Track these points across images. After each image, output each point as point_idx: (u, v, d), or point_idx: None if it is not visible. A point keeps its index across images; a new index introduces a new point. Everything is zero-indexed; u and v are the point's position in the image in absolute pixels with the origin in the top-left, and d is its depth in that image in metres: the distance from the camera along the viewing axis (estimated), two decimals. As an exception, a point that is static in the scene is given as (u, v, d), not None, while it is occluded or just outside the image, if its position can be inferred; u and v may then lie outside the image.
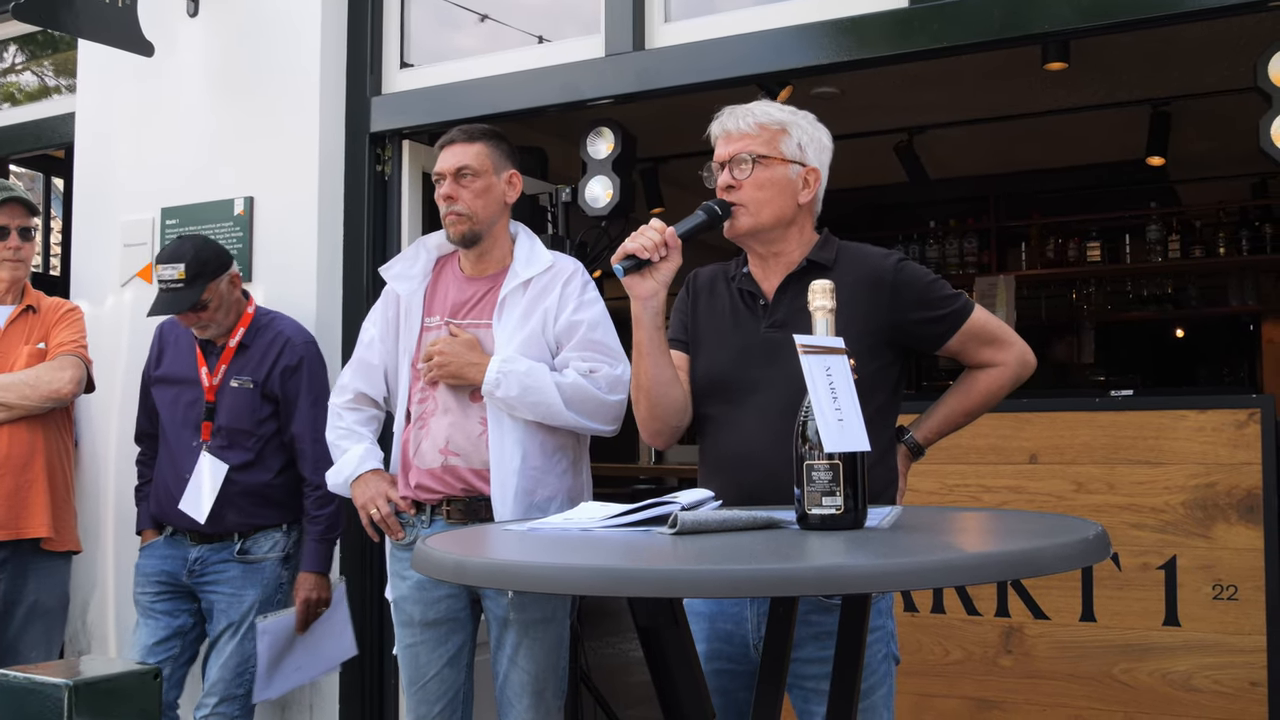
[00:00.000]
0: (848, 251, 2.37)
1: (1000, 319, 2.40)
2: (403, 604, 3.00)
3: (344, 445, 3.10)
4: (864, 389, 2.15)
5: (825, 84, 5.59)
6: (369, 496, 3.00)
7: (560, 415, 2.87)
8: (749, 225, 2.31)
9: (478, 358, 2.89)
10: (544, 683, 2.95)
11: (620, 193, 3.90)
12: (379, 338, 3.11)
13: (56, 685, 1.16)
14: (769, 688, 1.96)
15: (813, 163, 2.35)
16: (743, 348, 2.33)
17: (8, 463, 3.46)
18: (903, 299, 2.28)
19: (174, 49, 4.22)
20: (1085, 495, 3.23)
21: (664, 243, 2.23)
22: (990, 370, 2.35)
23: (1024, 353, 2.36)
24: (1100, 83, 5.67)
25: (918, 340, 2.34)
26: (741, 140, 2.32)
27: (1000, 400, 2.39)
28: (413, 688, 3.00)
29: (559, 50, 3.82)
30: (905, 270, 2.31)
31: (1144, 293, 8.05)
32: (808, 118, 2.39)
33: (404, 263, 3.10)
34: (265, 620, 3.36)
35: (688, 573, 1.39)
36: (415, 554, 1.64)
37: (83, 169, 4.52)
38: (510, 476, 2.86)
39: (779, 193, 2.31)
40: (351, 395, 3.13)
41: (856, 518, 1.71)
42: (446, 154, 2.99)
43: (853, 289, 2.22)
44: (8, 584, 3.52)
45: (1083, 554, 1.49)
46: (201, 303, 3.36)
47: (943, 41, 3.22)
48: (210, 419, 3.43)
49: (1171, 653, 3.10)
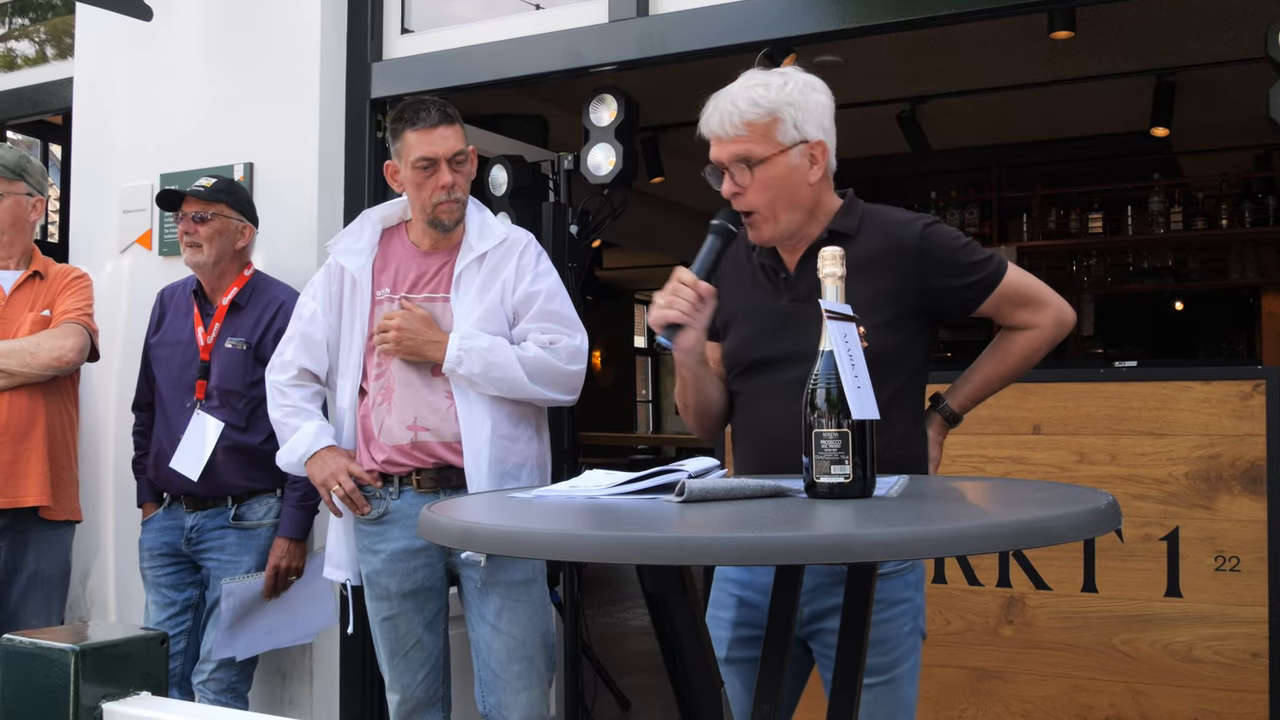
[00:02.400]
0: (873, 217, 2.26)
1: (1037, 279, 2.30)
2: (376, 578, 2.99)
3: (293, 423, 3.03)
4: (894, 358, 2.15)
5: (828, 52, 5.56)
6: (329, 473, 2.96)
7: (524, 388, 2.88)
8: (772, 233, 2.22)
9: (436, 335, 2.88)
10: (532, 648, 2.93)
11: (623, 160, 3.88)
12: (321, 312, 3.04)
13: (63, 650, 1.16)
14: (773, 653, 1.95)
15: (814, 136, 2.19)
16: (765, 322, 2.27)
17: (6, 430, 3.44)
18: (929, 266, 2.18)
19: (172, 13, 4.19)
20: (1088, 466, 3.23)
21: (699, 298, 2.13)
22: (1026, 333, 2.26)
23: (1060, 311, 2.26)
24: (1105, 53, 5.64)
25: (948, 307, 2.26)
26: (734, 144, 2.18)
27: (1039, 360, 2.30)
28: (394, 659, 3.00)
29: (562, 16, 3.78)
30: (932, 235, 2.20)
31: (1145, 265, 8.04)
32: (796, 85, 2.21)
33: (350, 237, 3.04)
34: (231, 582, 3.36)
35: (698, 540, 1.39)
36: (421, 521, 1.63)
37: (81, 135, 4.48)
38: (483, 446, 2.87)
39: (787, 187, 2.19)
40: (295, 371, 3.06)
41: (865, 486, 1.70)
42: (438, 137, 2.89)
43: (877, 256, 2.17)
44: (7, 552, 3.51)
45: (1094, 523, 1.48)
46: (206, 214, 3.41)
47: (949, 9, 3.20)
48: (204, 378, 3.44)
49: (1173, 623, 3.11)
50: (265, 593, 3.41)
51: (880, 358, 2.02)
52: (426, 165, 2.89)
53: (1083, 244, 7.93)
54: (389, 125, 3.04)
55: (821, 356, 1.75)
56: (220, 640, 3.37)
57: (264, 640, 3.47)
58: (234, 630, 3.37)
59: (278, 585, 3.43)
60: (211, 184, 3.46)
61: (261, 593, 3.40)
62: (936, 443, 2.34)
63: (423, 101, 2.95)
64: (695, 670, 1.69)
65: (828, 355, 1.75)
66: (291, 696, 3.86)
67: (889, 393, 2.09)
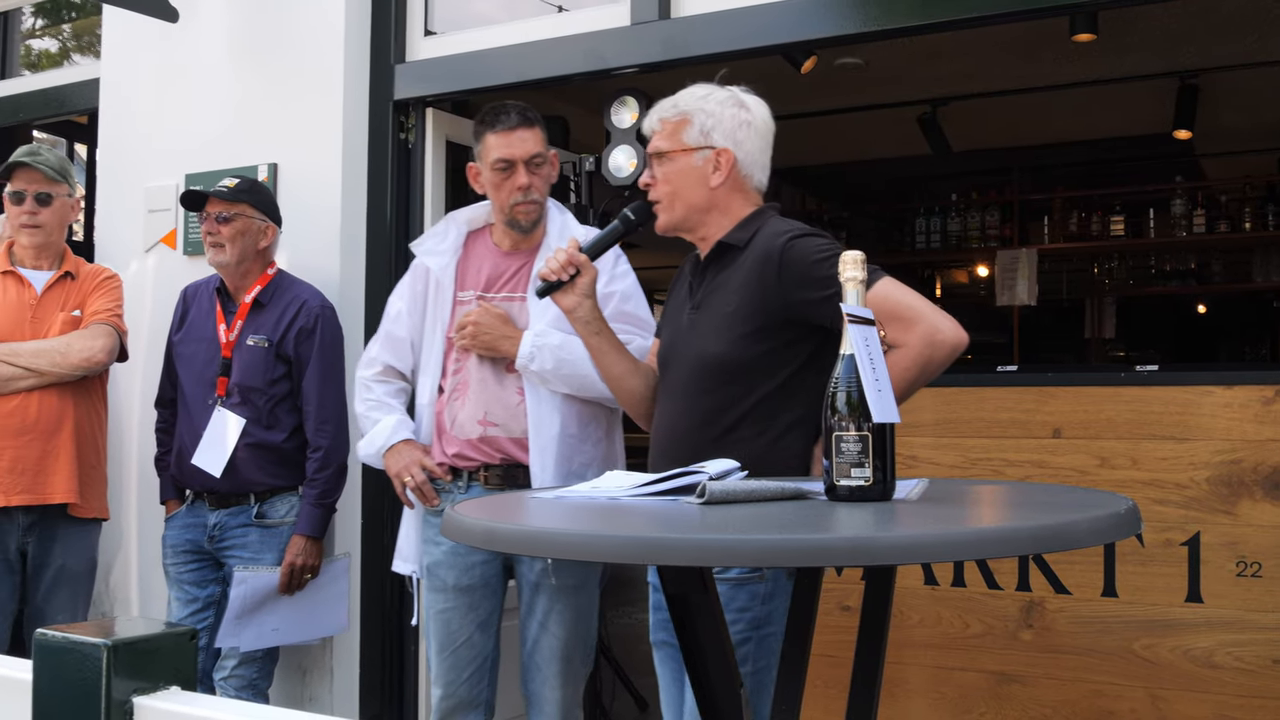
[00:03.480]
0: (765, 229, 2.34)
1: (917, 295, 2.22)
2: (436, 569, 3.04)
3: (375, 416, 3.13)
4: (755, 370, 2.25)
5: (850, 54, 5.56)
6: (403, 465, 3.04)
7: (594, 387, 2.90)
8: (664, 222, 2.41)
9: (511, 331, 2.94)
10: (572, 649, 3.00)
11: (644, 162, 3.88)
12: (406, 311, 3.14)
13: (95, 645, 1.17)
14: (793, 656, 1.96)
15: (721, 144, 2.35)
16: (674, 329, 2.44)
17: (35, 428, 3.48)
18: (788, 278, 2.23)
19: (198, 14, 4.22)
20: (1109, 470, 3.22)
21: (569, 263, 2.39)
22: (893, 352, 2.14)
23: (932, 333, 2.13)
24: (1127, 55, 5.62)
25: (813, 319, 2.24)
26: (653, 139, 2.41)
27: (917, 383, 2.18)
28: (443, 653, 3.03)
29: (584, 18, 3.79)
30: (793, 248, 2.25)
31: (1167, 267, 8.00)
32: (721, 97, 2.39)
33: (434, 238, 3.13)
34: (245, 570, 3.39)
35: (720, 541, 1.40)
36: (445, 520, 1.64)
37: (107, 135, 4.52)
38: (549, 444, 2.92)
39: (685, 183, 2.36)
40: (380, 368, 3.17)
41: (885, 489, 1.70)
42: (514, 140, 2.97)
43: (751, 268, 2.28)
44: (35, 548, 3.55)
45: (1115, 528, 1.49)
46: (231, 214, 3.44)
47: (971, 12, 3.19)
48: (226, 375, 3.47)
49: (1194, 629, 3.10)
50: (280, 588, 3.43)
51: (735, 369, 2.22)
52: (505, 167, 2.96)
53: (1104, 247, 7.89)
54: (473, 129, 3.08)
55: (842, 360, 1.76)
56: (226, 628, 3.39)
57: (270, 636, 3.48)
58: (241, 620, 3.39)
59: (292, 582, 3.45)
60: (234, 184, 3.49)
61: (275, 588, 3.43)
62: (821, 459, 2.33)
63: (504, 105, 3.02)
64: (715, 670, 1.70)
65: (848, 359, 1.75)
66: (312, 694, 3.88)
67: (744, 407, 2.23)
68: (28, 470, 3.47)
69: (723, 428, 2.25)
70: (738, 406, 2.21)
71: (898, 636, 2.75)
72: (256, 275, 3.55)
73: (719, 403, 2.26)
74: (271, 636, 3.49)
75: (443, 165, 4.06)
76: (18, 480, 3.46)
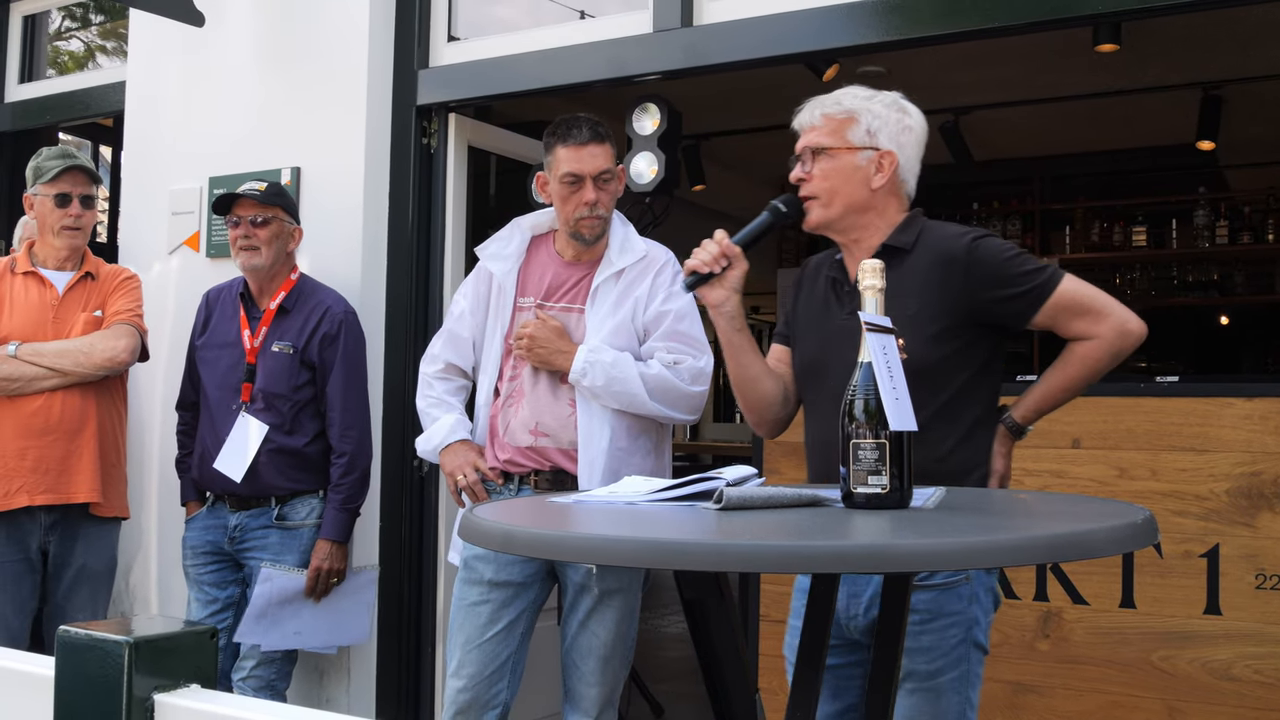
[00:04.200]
0: (929, 232, 2.34)
1: (1100, 290, 2.33)
2: (474, 562, 3.03)
3: (434, 414, 3.19)
4: (940, 371, 2.22)
5: (872, 63, 5.56)
6: (457, 464, 3.09)
7: (644, 405, 2.96)
8: (819, 218, 2.35)
9: (566, 345, 2.99)
10: (612, 649, 3.03)
11: (665, 169, 3.90)
12: (469, 310, 3.19)
13: (117, 642, 1.18)
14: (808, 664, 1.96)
15: (886, 145, 2.34)
16: (826, 334, 2.37)
17: (59, 428, 3.51)
18: (976, 278, 2.24)
19: (223, 19, 4.25)
20: (1128, 481, 3.21)
21: (722, 254, 2.29)
22: (1086, 343, 2.28)
23: (1122, 323, 2.28)
24: (1151, 65, 5.61)
25: (1000, 318, 2.30)
26: (810, 133, 2.35)
27: (1103, 373, 2.31)
28: (469, 646, 3.01)
29: (606, 25, 3.81)
30: (979, 248, 2.26)
31: (1189, 278, 7.96)
32: (884, 100, 2.39)
33: (499, 243, 3.17)
34: (273, 569, 3.41)
35: (736, 547, 1.40)
36: (462, 523, 1.65)
37: (132, 138, 4.56)
38: (598, 456, 2.96)
39: (846, 181, 2.33)
40: (442, 365, 3.23)
41: (902, 497, 1.71)
42: (584, 155, 3.00)
43: (929, 270, 2.25)
44: (57, 547, 3.58)
45: (1131, 538, 1.49)
46: (267, 217, 3.47)
47: (994, 21, 3.19)
48: (250, 381, 3.49)
49: (1212, 641, 3.09)
50: (305, 591, 3.45)
51: (925, 370, 2.12)
52: (573, 181, 2.99)
53: (1126, 257, 7.86)
54: (543, 139, 3.11)
55: (860, 368, 1.77)
56: (247, 626, 3.41)
57: (291, 639, 3.50)
58: (262, 619, 3.41)
59: (318, 586, 3.47)
60: (265, 187, 3.51)
61: (300, 590, 3.45)
62: (1000, 454, 2.36)
63: (576, 118, 3.05)
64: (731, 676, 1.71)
65: (866, 367, 1.76)
66: (329, 695, 3.90)
67: (934, 408, 2.18)
68: (51, 470, 3.50)
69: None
70: (927, 408, 2.04)
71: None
72: (282, 279, 3.58)
73: None
74: (293, 639, 3.51)
75: (465, 170, 4.08)
76: (41, 479, 3.49)
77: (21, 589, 3.55)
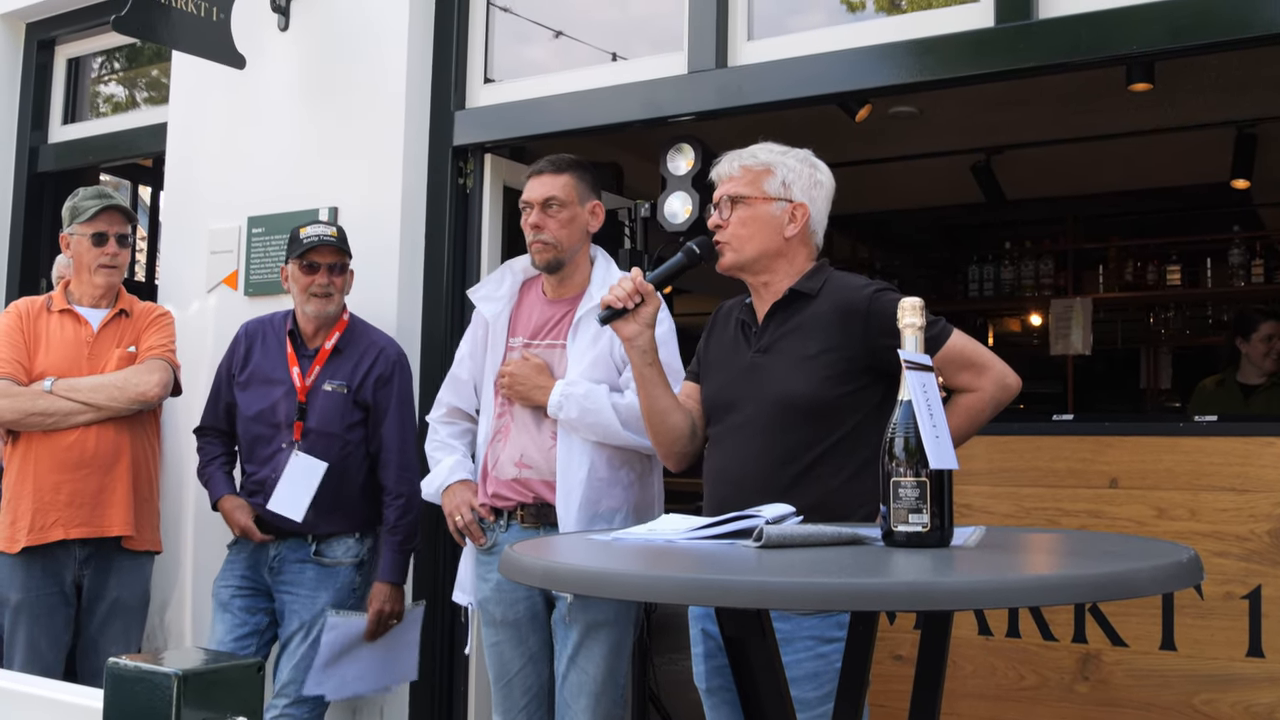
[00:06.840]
0: (834, 280, 2.50)
1: (980, 344, 2.49)
2: (486, 605, 3.18)
3: (438, 457, 3.33)
4: (839, 409, 2.38)
5: (904, 103, 5.57)
6: (454, 505, 3.21)
7: (618, 435, 3.03)
8: (731, 261, 2.50)
9: (544, 380, 3.09)
10: (602, 686, 3.05)
11: (699, 208, 3.91)
12: (469, 354, 3.33)
13: (166, 674, 1.19)
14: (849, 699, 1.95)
15: (799, 198, 2.49)
16: (733, 372, 2.52)
17: (94, 462, 3.55)
18: (874, 327, 2.35)
19: (264, 61, 4.32)
20: (1167, 521, 3.18)
21: (635, 291, 2.45)
22: (969, 394, 2.43)
23: (1002, 376, 2.42)
24: (1185, 105, 5.59)
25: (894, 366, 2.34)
26: (728, 183, 2.51)
27: (984, 422, 2.45)
28: (499, 684, 3.17)
29: (641, 67, 3.84)
30: (879, 300, 2.39)
31: (1224, 317, 7.90)
32: (799, 155, 2.54)
33: (490, 285, 3.29)
34: (337, 616, 3.41)
35: (779, 584, 1.40)
36: (503, 560, 1.66)
37: (173, 177, 4.62)
38: (575, 488, 3.02)
39: (761, 229, 2.48)
40: (445, 409, 3.37)
41: (943, 536, 1.70)
42: (534, 184, 3.14)
43: (831, 315, 2.41)
44: (90, 580, 3.61)
45: (1176, 577, 1.48)
46: (345, 264, 3.53)
47: (1027, 62, 3.20)
48: (301, 419, 3.49)
49: (1255, 684, 3.04)
50: (367, 635, 3.45)
51: (821, 409, 2.34)
52: (525, 208, 3.14)
53: (1160, 296, 7.82)
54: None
55: (900, 406, 1.77)
56: (316, 676, 3.40)
57: (353, 684, 3.48)
58: (329, 669, 3.40)
59: (379, 629, 3.47)
60: (337, 233, 3.54)
61: (361, 634, 3.44)
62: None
63: (551, 155, 3.19)
64: (772, 715, 1.70)
65: (906, 405, 1.76)
66: (362, 733, 3.90)
67: (827, 444, 2.36)
68: (86, 503, 3.54)
69: (803, 465, 2.36)
70: (819, 445, 2.33)
71: (951, 687, 2.72)
72: (336, 320, 3.58)
73: (802, 440, 2.37)
74: (355, 685, 3.50)
75: (500, 210, 4.11)
76: (76, 513, 3.53)
77: (55, 622, 3.57)
